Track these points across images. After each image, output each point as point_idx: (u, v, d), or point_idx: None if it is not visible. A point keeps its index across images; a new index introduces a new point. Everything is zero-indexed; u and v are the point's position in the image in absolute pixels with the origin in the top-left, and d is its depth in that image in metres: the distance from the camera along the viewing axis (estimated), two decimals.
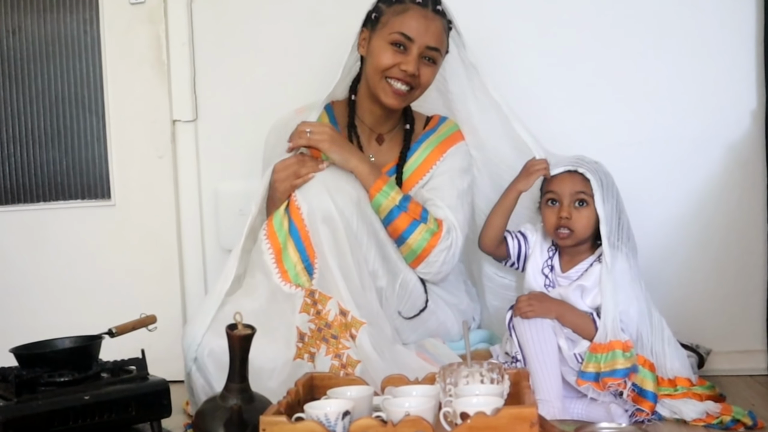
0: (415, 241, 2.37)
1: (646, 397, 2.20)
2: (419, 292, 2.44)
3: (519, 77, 2.79)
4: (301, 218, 2.27)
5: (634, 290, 2.32)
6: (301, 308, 2.27)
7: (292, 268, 2.28)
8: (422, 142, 2.54)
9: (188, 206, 3.01)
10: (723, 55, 2.72)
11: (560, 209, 2.34)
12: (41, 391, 1.99)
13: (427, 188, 2.49)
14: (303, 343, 2.26)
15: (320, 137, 2.32)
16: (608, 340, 2.21)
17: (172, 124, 2.99)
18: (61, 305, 2.99)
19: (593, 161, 2.38)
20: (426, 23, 2.36)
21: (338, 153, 2.34)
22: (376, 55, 2.39)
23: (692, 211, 2.75)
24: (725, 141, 2.72)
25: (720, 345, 2.68)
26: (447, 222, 2.41)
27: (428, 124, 2.59)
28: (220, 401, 1.91)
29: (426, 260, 2.40)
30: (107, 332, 2.18)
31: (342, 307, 2.24)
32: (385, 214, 2.36)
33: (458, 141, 2.55)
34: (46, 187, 3.08)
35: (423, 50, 2.37)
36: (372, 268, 2.33)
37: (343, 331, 2.24)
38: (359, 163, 2.36)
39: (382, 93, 2.41)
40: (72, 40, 3.05)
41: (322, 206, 2.26)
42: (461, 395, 1.79)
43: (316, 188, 2.28)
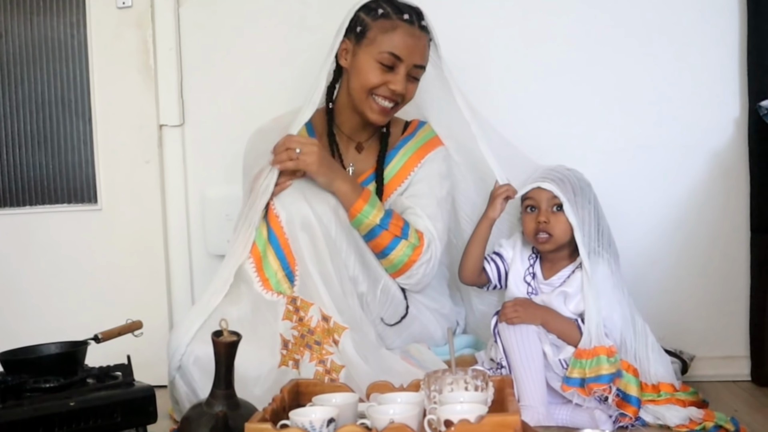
0: (396, 256, 2.39)
1: (630, 402, 2.21)
2: (400, 298, 2.45)
3: (503, 86, 2.81)
4: (280, 226, 2.28)
5: (616, 295, 2.33)
6: (283, 315, 2.28)
7: (273, 275, 2.28)
8: (400, 149, 2.54)
9: (175, 211, 3.01)
10: (706, 63, 2.73)
11: (538, 214, 2.36)
12: (27, 397, 1.99)
13: (406, 195, 2.49)
14: (287, 350, 2.27)
15: (309, 159, 2.30)
16: (593, 346, 2.22)
17: (159, 128, 2.99)
18: (47, 309, 2.99)
19: (566, 169, 2.40)
20: (414, 42, 2.37)
21: (324, 175, 2.33)
22: (364, 72, 2.39)
23: (676, 219, 2.76)
24: (708, 149, 2.74)
25: (703, 351, 2.69)
26: (428, 235, 2.42)
27: (406, 129, 2.59)
28: (206, 408, 1.91)
29: (407, 273, 2.42)
30: (93, 338, 2.19)
31: (324, 312, 2.25)
32: (365, 232, 2.37)
33: (436, 146, 2.55)
34: (33, 191, 3.07)
35: (410, 69, 2.39)
36: (352, 273, 2.34)
37: (326, 337, 2.25)
38: (342, 183, 2.35)
39: (369, 110, 2.42)
40: (59, 44, 3.05)
41: (300, 213, 2.27)
42: (445, 402, 1.80)
43: (294, 196, 2.29)
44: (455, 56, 2.56)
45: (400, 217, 2.42)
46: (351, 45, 2.41)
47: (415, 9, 2.39)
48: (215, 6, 2.97)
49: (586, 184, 2.39)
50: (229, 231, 2.70)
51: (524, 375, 2.22)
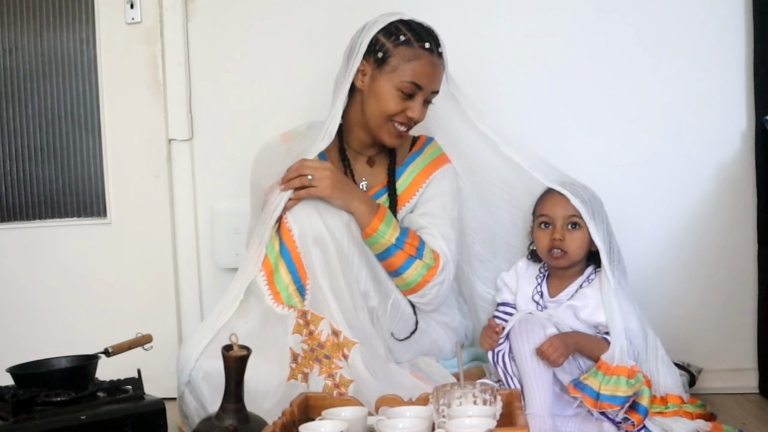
0: (410, 275, 2.38)
1: (638, 411, 2.19)
2: (410, 313, 2.45)
3: (509, 99, 2.82)
4: (292, 240, 2.29)
5: (628, 307, 2.33)
6: (294, 329, 2.28)
7: (285, 289, 2.29)
8: (408, 165, 2.55)
9: (184, 225, 3.02)
10: (713, 76, 2.74)
11: (553, 231, 2.36)
12: (38, 410, 2.00)
13: (419, 213, 2.49)
14: (296, 364, 2.28)
15: (322, 184, 2.31)
16: (615, 365, 2.20)
17: (167, 143, 3.00)
18: (57, 323, 3.00)
19: (582, 186, 2.40)
20: (434, 71, 2.39)
21: (339, 198, 2.33)
22: (384, 99, 2.39)
23: (683, 231, 2.77)
24: (716, 162, 2.74)
25: (711, 364, 2.70)
26: (443, 257, 2.41)
27: (414, 145, 2.59)
28: (216, 421, 1.92)
29: (419, 292, 2.42)
30: (103, 351, 2.20)
31: (334, 327, 2.25)
32: (379, 252, 2.37)
33: (444, 163, 2.55)
34: (42, 205, 3.09)
35: (428, 96, 2.42)
36: (363, 288, 2.34)
37: (336, 351, 2.25)
38: (359, 204, 2.35)
39: (386, 135, 2.43)
40: (69, 60, 3.06)
41: (313, 227, 2.27)
42: (454, 416, 1.81)
43: (307, 210, 2.30)
44: (460, 70, 2.55)
45: (416, 236, 2.41)
46: (370, 69, 2.39)
47: (432, 35, 2.40)
48: (223, 21, 2.99)
49: (599, 202, 2.39)
50: (238, 244, 2.74)
51: (534, 384, 2.21)
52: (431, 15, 2.48)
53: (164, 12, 2.99)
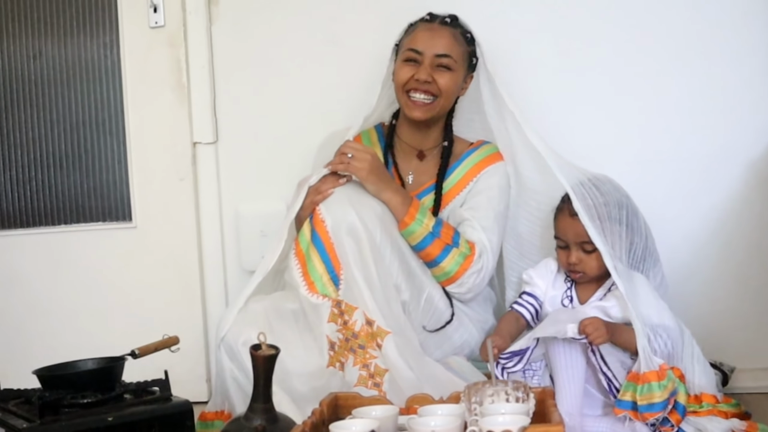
0: (448, 264, 2.41)
1: (677, 410, 2.17)
2: (444, 306, 2.45)
3: (534, 94, 2.78)
4: (325, 231, 2.30)
5: (661, 305, 2.31)
6: (328, 318, 2.28)
7: (319, 279, 2.29)
8: (462, 161, 2.58)
9: (209, 228, 3.01)
10: (740, 71, 2.71)
11: (569, 255, 2.36)
12: (64, 412, 1.99)
13: (465, 207, 2.52)
14: (334, 352, 2.28)
15: (359, 165, 2.36)
16: (642, 372, 2.17)
17: (192, 146, 3.00)
18: (83, 327, 2.99)
19: (600, 185, 2.37)
20: (431, 34, 2.49)
21: (374, 184, 2.38)
22: (396, 74, 2.53)
23: (713, 228, 2.74)
24: (745, 157, 2.71)
25: (744, 362, 2.66)
26: (480, 245, 2.44)
27: (471, 146, 2.62)
28: (244, 422, 1.90)
29: (458, 281, 2.43)
30: (130, 353, 2.19)
31: (368, 317, 2.25)
32: (417, 242, 2.39)
33: (497, 161, 2.58)
34: (68, 210, 3.09)
35: (433, 59, 2.47)
36: (395, 281, 2.36)
37: (370, 341, 2.25)
38: (393, 195, 2.39)
39: (407, 108, 2.51)
40: (92, 64, 3.06)
41: (346, 219, 2.29)
42: (487, 414, 1.79)
43: (340, 202, 2.32)
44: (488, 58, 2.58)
45: (450, 226, 2.45)
46: (393, 62, 2.58)
47: (446, 15, 2.54)
48: (247, 24, 2.98)
49: (616, 202, 2.35)
50: (264, 247, 2.73)
51: (565, 381, 2.19)
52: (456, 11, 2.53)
53: (188, 15, 2.98)
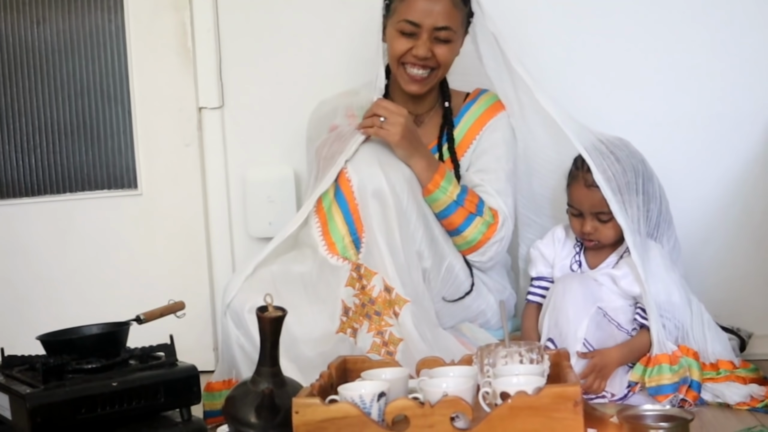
0: (471, 233, 2.37)
1: (691, 387, 2.15)
2: (465, 276, 2.42)
3: (551, 56, 2.75)
4: (351, 190, 2.26)
5: (671, 277, 2.27)
6: (347, 282, 2.25)
7: (340, 240, 2.26)
8: (462, 116, 2.52)
9: (216, 194, 2.97)
10: (761, 30, 2.65)
11: (583, 223, 2.32)
12: (68, 378, 1.96)
13: (473, 170, 2.46)
14: (347, 317, 2.24)
15: (393, 130, 2.28)
16: (654, 354, 2.16)
17: (198, 111, 2.95)
18: (89, 295, 2.96)
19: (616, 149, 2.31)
20: (429, 5, 2.33)
21: (405, 149, 2.31)
22: (390, 44, 2.40)
23: (732, 191, 2.70)
24: (764, 119, 2.66)
25: (761, 328, 2.62)
26: (502, 213, 2.40)
27: (467, 97, 2.55)
28: (251, 386, 1.86)
29: (480, 250, 2.40)
30: (135, 319, 2.15)
31: (387, 283, 2.22)
32: (440, 209, 2.35)
33: (499, 111, 2.51)
34: (73, 178, 3.05)
35: (432, 32, 2.35)
36: (419, 248, 2.31)
37: (387, 309, 2.22)
38: (421, 159, 2.33)
39: (402, 81, 2.42)
40: (96, 30, 3.01)
41: (373, 180, 2.24)
42: (500, 375, 1.75)
43: (369, 161, 2.27)
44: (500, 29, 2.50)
45: (475, 194, 2.39)
46: (383, 21, 2.43)
47: None
48: None
49: (633, 169, 2.31)
50: (271, 213, 2.71)
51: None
52: None
53: None
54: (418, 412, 1.65)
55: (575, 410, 1.60)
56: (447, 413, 1.63)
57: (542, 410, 1.60)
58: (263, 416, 1.79)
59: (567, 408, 1.60)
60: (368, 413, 1.69)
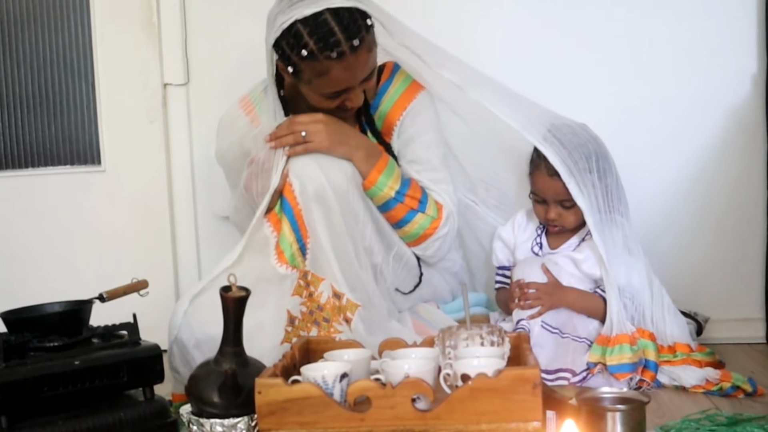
0: (412, 228, 2.33)
1: (648, 367, 2.18)
2: (413, 264, 2.40)
3: (514, 43, 2.75)
4: (293, 196, 2.20)
5: (632, 258, 2.30)
6: (294, 290, 2.21)
7: (288, 248, 2.21)
8: (380, 99, 2.40)
9: (180, 172, 2.95)
10: (723, 17, 2.67)
11: (548, 210, 2.34)
12: (30, 356, 1.94)
13: (406, 161, 2.39)
14: (293, 327, 2.21)
15: (318, 138, 2.21)
16: (614, 334, 2.18)
17: (163, 87, 2.93)
18: (51, 273, 2.95)
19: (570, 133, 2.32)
20: (352, 72, 2.17)
21: (340, 149, 2.24)
22: (316, 102, 2.25)
23: (691, 177, 2.72)
24: (725, 105, 2.68)
25: (718, 313, 2.66)
26: (447, 209, 2.35)
27: (381, 75, 2.40)
28: (214, 365, 1.86)
29: (422, 245, 2.36)
30: (98, 297, 2.14)
31: (336, 289, 2.19)
32: (380, 204, 2.30)
33: (416, 93, 2.40)
34: (35, 153, 3.02)
35: (358, 86, 2.22)
36: (368, 244, 2.27)
37: (336, 315, 2.19)
38: (356, 152, 2.25)
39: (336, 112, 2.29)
40: (60, 2, 2.98)
41: (314, 182, 2.18)
42: (461, 357, 1.76)
43: (308, 163, 2.21)
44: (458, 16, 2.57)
45: (419, 188, 2.34)
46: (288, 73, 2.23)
47: (336, 36, 2.11)
48: None
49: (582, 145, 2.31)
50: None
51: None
52: None
53: None
54: (379, 393, 1.65)
55: (534, 392, 1.62)
56: (408, 394, 1.65)
57: (502, 392, 1.62)
58: (226, 396, 1.78)
59: (526, 390, 1.62)
60: (330, 394, 1.70)
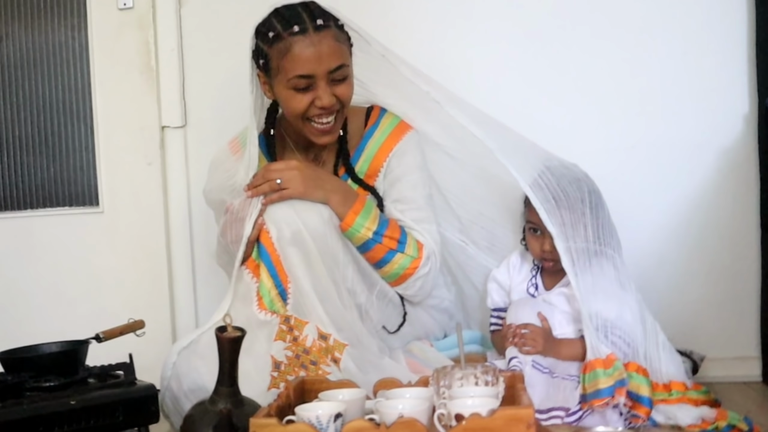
0: (392, 268, 2.33)
1: (642, 403, 2.15)
2: (397, 302, 2.40)
3: (506, 81, 2.78)
4: (270, 242, 2.21)
5: (625, 293, 2.30)
6: (276, 335, 2.21)
7: (267, 294, 2.21)
8: (366, 143, 2.43)
9: (177, 213, 2.98)
10: (714, 59, 2.71)
11: (543, 242, 2.34)
12: (27, 396, 1.95)
13: (390, 201, 2.41)
14: (279, 372, 2.20)
15: (293, 185, 2.22)
16: (588, 360, 2.17)
17: (161, 130, 2.97)
18: (49, 313, 2.96)
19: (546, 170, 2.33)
20: (316, 50, 2.19)
21: (315, 194, 2.24)
22: (287, 103, 2.28)
23: (685, 217, 2.73)
24: (718, 146, 2.71)
25: (714, 351, 2.65)
26: (428, 248, 2.35)
27: (369, 119, 2.45)
28: (209, 405, 1.88)
29: (403, 285, 2.36)
30: (94, 337, 2.15)
31: (321, 331, 2.19)
32: (359, 245, 2.30)
33: (404, 134, 2.42)
34: (34, 195, 3.05)
35: (328, 77, 2.23)
36: (350, 285, 2.27)
37: (323, 356, 2.19)
38: (333, 196, 2.26)
39: (311, 136, 2.32)
40: (60, 47, 3.02)
41: (291, 228, 2.19)
42: (455, 397, 1.77)
43: (284, 210, 2.22)
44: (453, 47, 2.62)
45: (397, 228, 2.34)
46: (265, 78, 2.30)
47: (300, 14, 2.21)
48: (216, 6, 2.95)
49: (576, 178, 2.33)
50: None
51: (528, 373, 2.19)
52: None
53: None
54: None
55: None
56: None
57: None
58: None
59: (520, 430, 1.62)
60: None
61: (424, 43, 2.78)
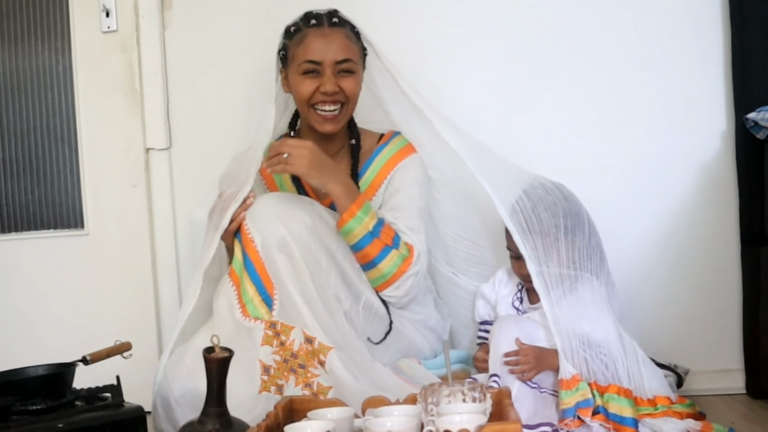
0: (386, 266, 2.36)
1: (626, 424, 2.16)
2: (383, 313, 2.42)
3: (486, 101, 2.81)
4: (255, 250, 2.24)
5: (600, 314, 2.30)
6: (262, 341, 2.22)
7: (250, 301, 2.24)
8: (375, 157, 2.53)
9: (163, 235, 2.98)
10: (692, 77, 2.74)
11: (521, 267, 2.34)
12: (13, 419, 1.95)
13: (386, 208, 2.47)
14: (268, 376, 2.22)
15: (298, 162, 2.29)
16: (559, 378, 2.19)
17: (145, 152, 2.98)
18: (35, 336, 2.95)
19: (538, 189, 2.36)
20: (326, 41, 2.38)
21: (316, 177, 2.31)
22: (296, 89, 2.42)
23: (666, 233, 2.75)
24: (696, 162, 2.74)
25: (698, 365, 2.68)
26: (416, 248, 2.40)
27: (381, 139, 2.57)
28: (198, 426, 1.88)
29: (394, 284, 2.38)
30: (81, 359, 2.15)
31: (307, 334, 2.21)
32: (355, 241, 2.33)
33: (410, 153, 2.53)
34: (19, 218, 3.05)
35: (334, 67, 2.38)
36: (335, 291, 2.30)
37: (311, 360, 2.21)
38: (335, 185, 2.32)
39: (315, 123, 2.42)
40: (44, 70, 3.03)
41: (275, 235, 2.23)
42: (444, 414, 1.78)
43: (268, 217, 2.25)
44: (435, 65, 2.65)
45: (391, 228, 2.39)
46: (284, 71, 2.48)
47: (327, 12, 2.44)
48: (200, 29, 2.97)
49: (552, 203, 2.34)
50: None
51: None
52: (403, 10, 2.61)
53: (140, 20, 2.97)
54: None
55: None
56: None
57: None
58: None
59: None
60: None
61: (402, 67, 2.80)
